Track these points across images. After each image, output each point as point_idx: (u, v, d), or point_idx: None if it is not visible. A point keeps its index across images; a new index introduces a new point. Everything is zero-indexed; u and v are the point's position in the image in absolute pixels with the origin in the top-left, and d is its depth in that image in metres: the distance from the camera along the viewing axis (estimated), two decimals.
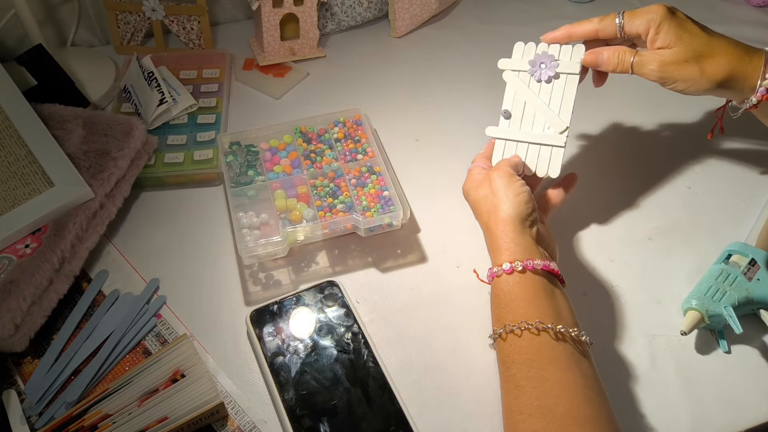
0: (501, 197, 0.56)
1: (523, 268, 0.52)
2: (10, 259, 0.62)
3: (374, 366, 0.57)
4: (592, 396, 0.48)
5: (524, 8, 1.00)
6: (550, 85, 0.62)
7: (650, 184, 0.75)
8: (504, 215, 0.55)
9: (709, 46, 0.56)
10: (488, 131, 0.63)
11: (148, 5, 0.86)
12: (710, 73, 0.57)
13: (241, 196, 0.68)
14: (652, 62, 0.57)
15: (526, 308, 0.51)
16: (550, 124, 0.62)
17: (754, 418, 0.56)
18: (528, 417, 0.47)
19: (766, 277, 0.61)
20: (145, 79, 0.78)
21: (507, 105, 0.63)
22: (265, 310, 0.61)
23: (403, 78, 0.88)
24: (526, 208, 0.55)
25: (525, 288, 0.52)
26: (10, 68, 0.73)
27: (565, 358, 0.49)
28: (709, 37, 0.57)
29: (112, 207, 0.68)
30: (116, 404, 0.55)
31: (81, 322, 0.62)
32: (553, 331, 0.50)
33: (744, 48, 0.58)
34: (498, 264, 0.54)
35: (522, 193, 0.56)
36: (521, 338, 0.50)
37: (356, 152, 0.73)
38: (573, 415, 0.46)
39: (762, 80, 0.57)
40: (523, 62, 0.62)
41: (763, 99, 0.57)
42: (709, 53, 0.56)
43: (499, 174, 0.57)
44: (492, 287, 0.55)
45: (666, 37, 0.57)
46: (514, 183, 0.57)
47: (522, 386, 0.49)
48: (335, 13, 0.93)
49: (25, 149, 0.67)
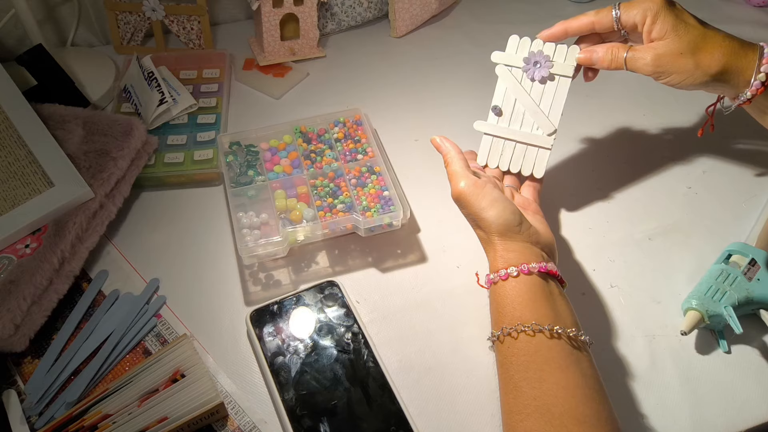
0: (478, 210, 0.55)
1: (518, 272, 0.52)
2: (10, 259, 0.62)
3: (374, 366, 0.57)
4: (592, 395, 0.48)
5: (524, 8, 1.00)
6: (542, 86, 0.62)
7: (650, 184, 0.75)
8: (490, 228, 0.54)
9: (705, 38, 0.56)
10: (477, 126, 0.63)
11: (148, 5, 0.86)
12: (705, 66, 0.56)
13: (241, 196, 0.68)
14: (646, 55, 0.57)
15: (522, 311, 0.51)
16: (539, 125, 0.62)
17: (754, 418, 0.56)
18: (526, 417, 0.47)
19: (766, 277, 0.61)
20: (145, 79, 0.78)
21: (497, 100, 0.62)
22: (265, 310, 0.61)
23: (403, 78, 0.88)
24: (510, 215, 0.54)
25: (521, 291, 0.52)
26: (10, 68, 0.73)
27: (563, 358, 0.49)
28: (705, 29, 0.57)
29: (112, 207, 0.68)
30: (116, 404, 0.55)
31: (81, 322, 0.62)
32: (549, 331, 0.49)
33: (739, 42, 0.57)
34: (494, 270, 0.54)
35: (497, 200, 0.55)
36: (518, 341, 0.50)
37: (356, 152, 0.73)
38: (571, 415, 0.46)
39: (757, 74, 0.57)
40: (518, 58, 0.62)
41: (758, 93, 0.57)
42: (704, 46, 0.56)
43: (465, 186, 0.56)
44: (490, 292, 0.55)
45: (662, 27, 0.56)
46: (484, 192, 0.55)
47: (520, 387, 0.49)
48: (335, 13, 0.93)
49: (25, 149, 0.67)
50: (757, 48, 0.57)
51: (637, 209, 0.72)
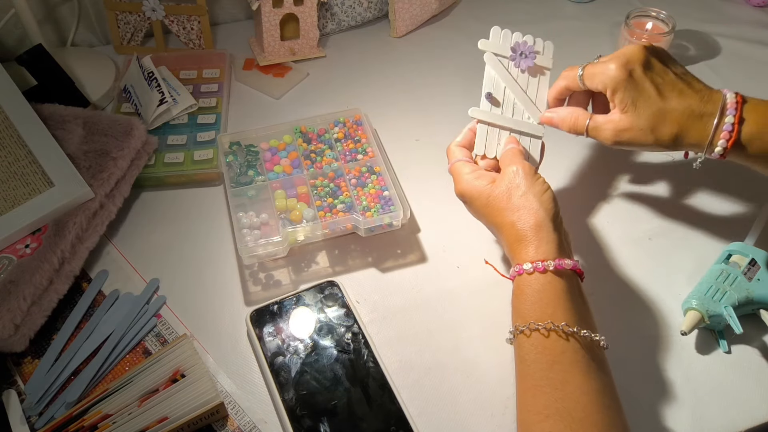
0: (530, 197, 0.54)
1: (555, 267, 0.52)
2: (10, 259, 0.62)
3: (374, 366, 0.57)
4: (609, 404, 0.48)
5: (524, 8, 1.00)
6: (527, 75, 0.63)
7: (650, 183, 0.75)
8: (536, 215, 0.53)
9: (664, 113, 0.56)
10: (472, 112, 0.62)
11: (148, 5, 0.86)
12: (664, 141, 0.56)
13: (241, 196, 0.68)
14: (606, 129, 0.58)
15: (555, 308, 0.50)
16: (529, 113, 0.62)
17: (754, 418, 0.56)
18: (546, 418, 0.47)
19: (766, 277, 0.61)
20: (145, 79, 0.78)
21: (488, 87, 0.62)
22: (265, 310, 0.61)
23: (403, 78, 0.88)
24: (555, 206, 0.55)
25: (555, 288, 0.51)
26: (10, 68, 0.73)
27: (587, 364, 0.49)
28: (664, 102, 0.56)
29: (112, 207, 0.68)
30: (116, 404, 0.55)
31: (81, 322, 0.62)
32: (579, 335, 0.49)
33: (699, 106, 0.56)
34: (528, 260, 0.52)
35: (548, 190, 0.55)
36: (548, 338, 0.49)
37: (356, 152, 0.73)
38: (591, 421, 0.46)
39: (713, 147, 0.56)
40: (505, 48, 0.62)
41: (723, 157, 0.57)
42: (663, 120, 0.56)
43: (519, 170, 0.56)
44: (519, 283, 0.53)
45: (622, 101, 0.56)
46: (538, 180, 0.56)
47: (541, 386, 0.48)
48: (335, 13, 0.93)
49: (25, 149, 0.67)
50: (714, 115, 0.56)
51: (637, 209, 0.72)
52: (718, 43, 0.94)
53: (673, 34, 0.84)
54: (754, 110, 0.56)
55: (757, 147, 0.56)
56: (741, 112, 0.55)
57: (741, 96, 0.56)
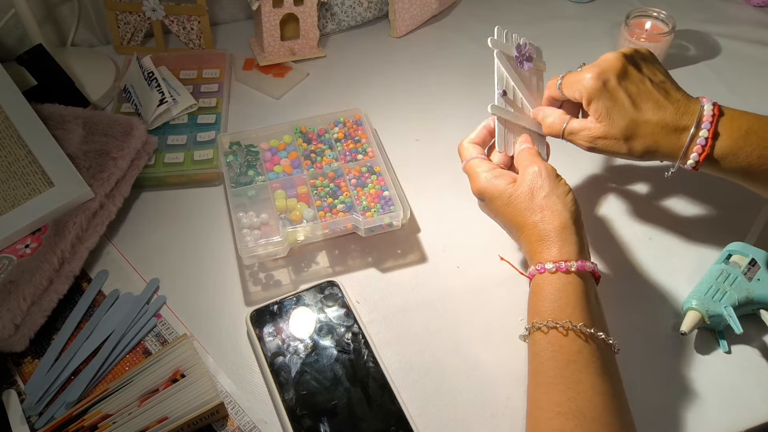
0: (553, 198, 0.55)
1: (577, 269, 0.52)
2: (10, 259, 0.62)
3: (374, 366, 0.57)
4: (619, 405, 0.48)
5: (524, 8, 1.00)
6: (528, 75, 0.64)
7: (651, 183, 0.75)
8: (560, 216, 0.54)
9: (637, 125, 0.56)
10: (492, 109, 0.61)
11: (148, 5, 0.86)
12: (637, 152, 0.57)
13: (241, 196, 0.68)
14: (582, 136, 0.58)
15: (574, 309, 0.51)
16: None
17: (754, 418, 0.56)
18: (557, 415, 0.47)
19: (766, 277, 0.61)
20: (145, 79, 0.78)
21: (502, 85, 0.62)
22: (265, 310, 0.61)
23: (403, 78, 0.88)
24: (577, 209, 0.55)
25: (575, 289, 0.52)
26: (10, 68, 0.73)
27: (601, 365, 0.49)
28: (638, 113, 0.56)
29: (112, 207, 0.68)
30: (116, 404, 0.55)
31: (81, 322, 0.62)
32: (595, 336, 0.50)
33: (674, 120, 0.56)
34: (551, 260, 0.53)
35: (570, 192, 0.56)
36: (566, 337, 0.50)
37: (356, 152, 0.73)
38: (601, 422, 0.46)
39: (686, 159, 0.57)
40: (510, 47, 0.63)
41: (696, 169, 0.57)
42: (636, 131, 0.56)
43: (543, 170, 0.56)
44: (538, 281, 0.53)
45: (597, 110, 0.57)
46: (560, 182, 0.56)
47: (555, 384, 0.49)
48: (335, 13, 0.93)
49: (25, 149, 0.67)
50: (689, 129, 0.56)
51: (638, 209, 0.72)
52: (718, 43, 0.94)
53: (673, 34, 0.84)
54: (729, 125, 0.56)
55: (730, 162, 0.56)
56: (716, 126, 0.56)
57: (719, 108, 0.56)
